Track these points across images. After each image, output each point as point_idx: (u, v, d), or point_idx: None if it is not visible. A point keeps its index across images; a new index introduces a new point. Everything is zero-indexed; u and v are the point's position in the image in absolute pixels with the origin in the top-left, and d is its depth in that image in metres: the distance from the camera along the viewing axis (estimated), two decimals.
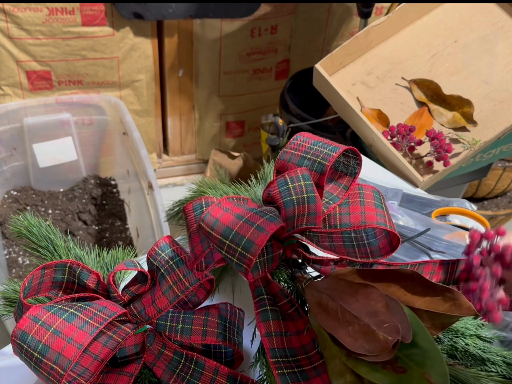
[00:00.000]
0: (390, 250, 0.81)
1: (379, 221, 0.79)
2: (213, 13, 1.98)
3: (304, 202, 0.77)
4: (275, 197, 0.79)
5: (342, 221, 0.80)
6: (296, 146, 0.83)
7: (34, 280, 0.79)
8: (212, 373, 0.82)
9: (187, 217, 0.82)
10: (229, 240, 0.72)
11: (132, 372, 0.80)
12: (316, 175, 0.80)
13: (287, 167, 0.82)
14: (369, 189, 0.84)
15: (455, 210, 1.16)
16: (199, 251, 0.79)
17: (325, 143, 0.82)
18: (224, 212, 0.74)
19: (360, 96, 1.36)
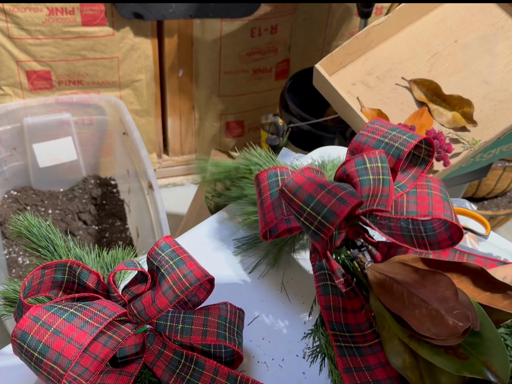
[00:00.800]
0: (451, 243, 0.81)
1: (445, 213, 0.79)
2: (213, 13, 1.98)
3: (379, 184, 0.78)
4: (351, 175, 0.79)
5: (409, 209, 0.81)
6: (373, 130, 0.83)
7: (34, 280, 0.79)
8: (212, 373, 0.82)
9: (261, 183, 0.83)
10: (310, 207, 0.73)
11: (132, 372, 0.80)
12: (392, 160, 0.80)
13: (362, 149, 0.82)
14: (436, 182, 0.85)
15: (455, 210, 1.16)
16: (270, 218, 0.80)
17: (402, 129, 0.83)
18: (307, 180, 0.75)
19: (360, 96, 1.36)
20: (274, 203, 0.80)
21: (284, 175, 0.84)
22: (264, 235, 0.83)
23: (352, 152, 0.84)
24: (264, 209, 0.82)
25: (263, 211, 0.82)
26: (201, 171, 1.14)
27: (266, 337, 0.95)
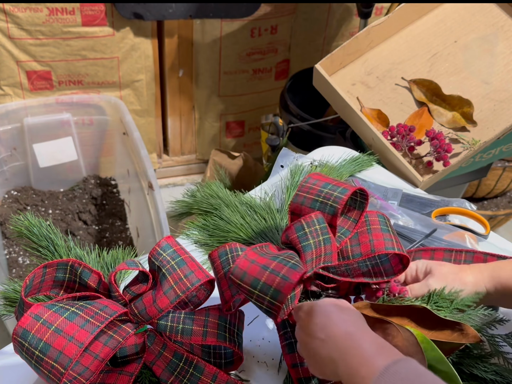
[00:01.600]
0: (402, 268, 0.87)
1: (387, 245, 0.85)
2: (213, 13, 1.98)
3: (320, 244, 0.84)
4: (293, 241, 0.85)
5: (354, 252, 0.87)
6: (308, 189, 0.89)
7: (36, 279, 0.79)
8: (210, 379, 0.82)
9: (214, 263, 0.87)
10: (257, 290, 0.78)
11: (132, 371, 0.80)
12: (329, 217, 0.87)
13: (301, 210, 0.88)
14: (374, 214, 0.91)
15: (455, 210, 1.16)
16: (228, 296, 0.85)
17: (335, 185, 0.88)
18: (251, 264, 0.80)
19: (360, 96, 1.36)
20: (229, 281, 0.84)
21: (233, 252, 0.87)
22: (227, 309, 0.86)
23: (292, 213, 0.90)
24: (221, 287, 0.86)
25: (220, 289, 0.86)
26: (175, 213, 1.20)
27: (266, 337, 0.95)
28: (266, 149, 1.87)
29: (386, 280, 0.87)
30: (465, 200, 1.20)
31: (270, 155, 1.83)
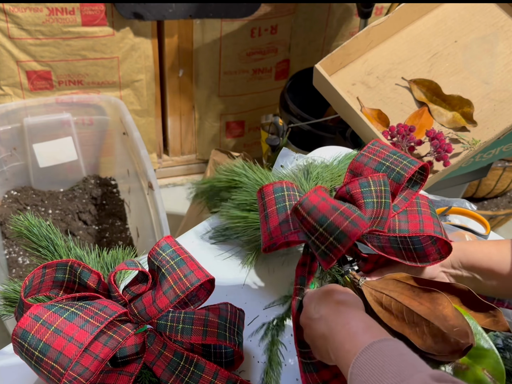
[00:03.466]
0: (439, 257, 0.85)
1: (435, 230, 0.83)
2: (213, 13, 1.98)
3: (381, 206, 0.81)
4: (355, 196, 0.81)
5: (401, 227, 0.84)
6: (374, 152, 0.86)
7: (35, 279, 0.79)
8: (211, 376, 0.82)
9: (266, 197, 0.84)
10: (323, 228, 0.75)
11: (132, 372, 0.80)
12: (393, 184, 0.84)
13: (363, 170, 0.85)
14: (425, 199, 0.89)
15: (455, 210, 1.16)
16: (276, 233, 0.81)
17: (403, 154, 0.86)
18: (321, 200, 0.77)
19: (360, 96, 1.36)
20: (281, 218, 0.81)
21: (290, 190, 0.84)
22: (265, 249, 0.84)
23: (351, 171, 0.87)
24: (270, 223, 0.82)
25: (267, 225, 0.83)
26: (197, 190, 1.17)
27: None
28: (266, 149, 1.87)
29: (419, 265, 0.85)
30: (465, 200, 1.20)
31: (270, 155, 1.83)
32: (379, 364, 0.62)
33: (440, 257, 0.85)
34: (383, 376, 0.60)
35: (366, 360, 0.64)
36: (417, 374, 0.59)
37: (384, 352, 0.64)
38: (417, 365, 0.62)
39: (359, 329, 0.69)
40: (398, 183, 0.83)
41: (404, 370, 0.60)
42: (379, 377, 0.61)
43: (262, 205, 0.84)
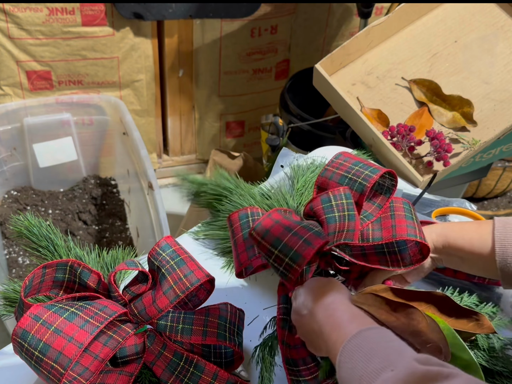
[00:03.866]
0: (421, 258, 0.85)
1: (409, 232, 0.83)
2: (213, 13, 1.98)
3: (345, 219, 0.83)
4: (318, 212, 0.84)
5: (375, 236, 0.85)
6: (337, 165, 0.88)
7: (35, 279, 0.79)
8: (210, 377, 0.82)
9: (233, 225, 0.87)
10: (278, 250, 0.77)
11: (132, 372, 0.80)
12: (356, 195, 0.85)
13: (328, 184, 0.87)
14: (399, 201, 0.89)
15: (455, 210, 1.16)
16: (244, 258, 0.84)
17: (365, 164, 0.87)
18: (275, 223, 0.79)
19: (360, 96, 1.36)
20: (247, 243, 0.84)
21: (254, 216, 0.87)
22: (239, 274, 0.86)
23: (318, 187, 0.89)
24: (238, 249, 0.85)
25: (236, 252, 0.85)
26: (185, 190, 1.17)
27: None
28: (266, 149, 1.87)
29: (403, 269, 0.85)
30: (465, 200, 1.20)
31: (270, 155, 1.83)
32: (366, 350, 0.63)
33: (422, 257, 0.85)
34: (370, 361, 0.61)
35: (353, 347, 0.65)
36: (403, 358, 0.60)
37: (371, 339, 0.65)
38: (404, 350, 0.63)
39: (344, 319, 0.70)
40: (361, 194, 0.85)
41: (391, 355, 0.61)
42: (366, 362, 0.61)
43: (231, 232, 0.87)
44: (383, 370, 0.59)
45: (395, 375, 0.57)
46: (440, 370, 0.56)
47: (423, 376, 0.56)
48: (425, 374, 0.56)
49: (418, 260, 0.85)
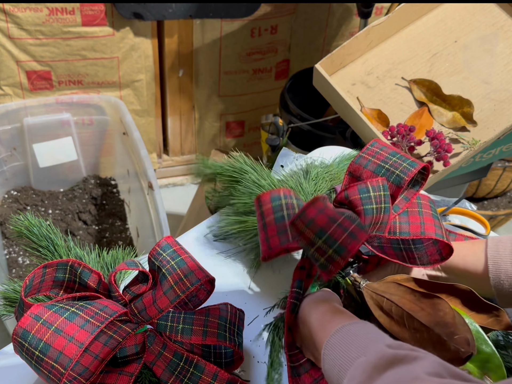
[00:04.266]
0: (440, 259, 0.84)
1: (437, 232, 0.82)
2: (213, 13, 1.98)
3: (381, 212, 0.80)
4: (354, 202, 0.80)
5: (402, 230, 0.83)
6: (373, 153, 0.85)
7: (36, 279, 0.79)
8: (211, 377, 0.82)
9: (263, 206, 0.82)
10: (322, 240, 0.74)
11: (133, 372, 0.80)
12: (393, 187, 0.82)
13: (361, 172, 0.84)
14: (426, 199, 0.87)
15: (455, 210, 1.16)
16: (274, 243, 0.80)
17: (403, 155, 0.84)
18: (319, 213, 0.76)
19: (360, 96, 1.36)
20: (279, 228, 0.80)
21: (287, 199, 0.83)
22: (265, 258, 0.82)
23: (350, 173, 0.85)
24: (268, 232, 0.81)
25: (265, 235, 0.81)
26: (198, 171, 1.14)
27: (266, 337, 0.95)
28: (266, 149, 1.87)
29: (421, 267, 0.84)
30: (466, 200, 1.20)
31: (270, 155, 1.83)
32: (346, 342, 0.65)
33: (441, 258, 0.84)
34: (348, 352, 0.63)
35: (335, 341, 0.67)
36: (376, 345, 0.62)
37: (352, 332, 0.67)
38: (380, 339, 0.65)
39: (327, 319, 0.72)
40: (398, 186, 0.82)
41: (368, 344, 0.63)
42: (345, 353, 0.64)
43: (259, 214, 0.83)
44: (358, 358, 0.61)
45: (366, 359, 0.60)
46: (408, 353, 0.59)
47: (392, 358, 0.58)
48: (394, 356, 0.59)
49: (437, 261, 0.84)
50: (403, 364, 0.57)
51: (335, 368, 0.64)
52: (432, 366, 0.56)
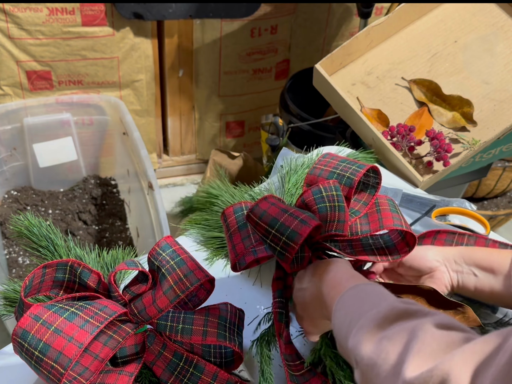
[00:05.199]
0: (408, 250, 0.88)
1: (395, 223, 0.87)
2: (213, 13, 1.98)
3: (335, 210, 0.85)
4: (309, 203, 0.87)
5: (363, 229, 0.89)
6: (325, 163, 0.92)
7: (35, 279, 0.79)
8: (210, 378, 0.82)
9: (228, 218, 0.90)
10: (275, 229, 0.80)
11: (132, 371, 0.80)
12: (345, 189, 0.89)
13: (316, 181, 0.91)
14: (383, 197, 0.93)
15: (455, 210, 1.16)
16: (240, 249, 0.87)
17: (351, 161, 0.92)
18: (271, 205, 0.83)
19: (360, 96, 1.36)
20: (243, 235, 0.87)
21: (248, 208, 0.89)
22: (234, 267, 0.88)
23: (308, 185, 0.92)
24: (233, 241, 0.88)
25: (232, 244, 0.88)
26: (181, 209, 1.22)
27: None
28: (266, 149, 1.87)
29: (391, 260, 0.88)
30: (465, 200, 1.20)
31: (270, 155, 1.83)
32: (359, 298, 0.68)
33: (409, 249, 0.87)
34: (360, 307, 0.65)
35: (348, 297, 0.69)
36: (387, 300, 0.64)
37: (366, 291, 0.69)
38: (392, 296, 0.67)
39: (343, 278, 0.74)
40: (350, 187, 0.88)
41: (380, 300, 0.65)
42: (357, 307, 0.66)
43: (225, 226, 0.89)
44: (369, 311, 0.63)
45: (377, 311, 0.62)
46: (420, 309, 0.60)
47: (403, 311, 0.60)
48: (405, 310, 0.60)
49: (405, 252, 0.88)
50: (414, 317, 0.59)
51: (345, 323, 0.66)
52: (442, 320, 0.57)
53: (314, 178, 0.91)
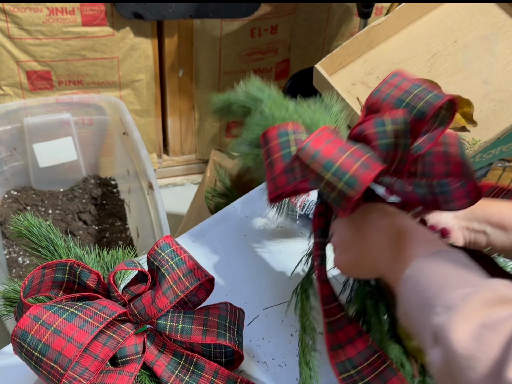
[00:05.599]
0: (468, 202, 0.75)
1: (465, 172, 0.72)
2: (213, 13, 1.98)
3: (399, 148, 0.70)
4: (369, 137, 0.72)
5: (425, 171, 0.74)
6: (393, 87, 0.74)
7: (35, 280, 0.79)
8: (211, 375, 0.82)
9: (269, 143, 0.76)
10: (330, 173, 0.67)
11: (132, 371, 0.80)
12: (414, 121, 0.71)
13: (380, 107, 0.74)
14: (453, 136, 0.76)
15: None
16: (281, 182, 0.74)
17: (426, 87, 0.73)
18: (326, 143, 0.69)
19: (360, 96, 1.36)
20: (286, 166, 0.73)
21: (296, 134, 0.76)
22: (272, 199, 0.75)
23: (369, 108, 0.76)
24: (274, 171, 0.74)
25: (272, 174, 0.75)
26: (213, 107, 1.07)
27: (266, 337, 0.95)
28: None
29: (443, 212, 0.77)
30: None
31: None
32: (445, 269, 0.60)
33: (469, 201, 0.75)
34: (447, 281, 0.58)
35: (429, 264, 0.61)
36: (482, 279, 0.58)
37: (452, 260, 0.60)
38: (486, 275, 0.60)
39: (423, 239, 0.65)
40: (419, 120, 0.71)
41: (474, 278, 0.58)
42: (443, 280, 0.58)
43: (266, 151, 0.76)
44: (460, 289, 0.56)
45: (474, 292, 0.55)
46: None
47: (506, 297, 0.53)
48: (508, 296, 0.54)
49: (464, 205, 0.76)
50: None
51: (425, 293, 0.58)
52: None
53: (377, 102, 0.74)
